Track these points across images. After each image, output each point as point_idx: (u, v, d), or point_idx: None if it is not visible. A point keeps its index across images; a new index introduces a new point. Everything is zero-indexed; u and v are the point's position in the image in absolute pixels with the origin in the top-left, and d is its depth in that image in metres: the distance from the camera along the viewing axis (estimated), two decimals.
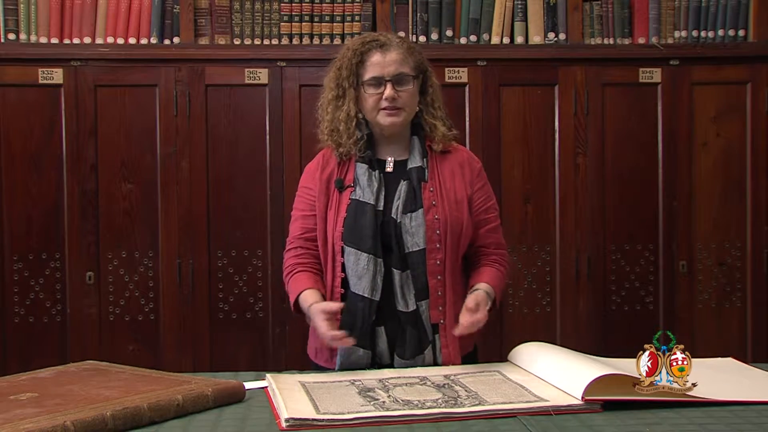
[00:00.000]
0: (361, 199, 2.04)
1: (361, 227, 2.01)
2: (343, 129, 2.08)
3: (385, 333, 2.02)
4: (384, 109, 2.05)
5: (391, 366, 2.01)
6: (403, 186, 2.06)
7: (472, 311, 1.95)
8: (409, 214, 2.02)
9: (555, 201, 3.28)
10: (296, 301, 2.07)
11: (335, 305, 1.97)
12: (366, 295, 1.99)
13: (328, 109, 2.12)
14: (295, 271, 2.10)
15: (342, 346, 1.97)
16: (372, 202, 2.03)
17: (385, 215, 2.04)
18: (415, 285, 2.01)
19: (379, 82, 2.05)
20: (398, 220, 2.02)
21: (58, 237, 3.15)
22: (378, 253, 2.00)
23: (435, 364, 2.02)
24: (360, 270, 2.00)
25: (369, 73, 2.05)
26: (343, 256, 2.03)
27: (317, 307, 1.97)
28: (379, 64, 2.05)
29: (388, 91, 2.03)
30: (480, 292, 2.01)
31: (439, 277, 2.03)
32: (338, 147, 2.09)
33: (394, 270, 2.01)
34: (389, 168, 2.11)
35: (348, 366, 2.00)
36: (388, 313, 2.02)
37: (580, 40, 3.30)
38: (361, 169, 2.07)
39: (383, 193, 2.06)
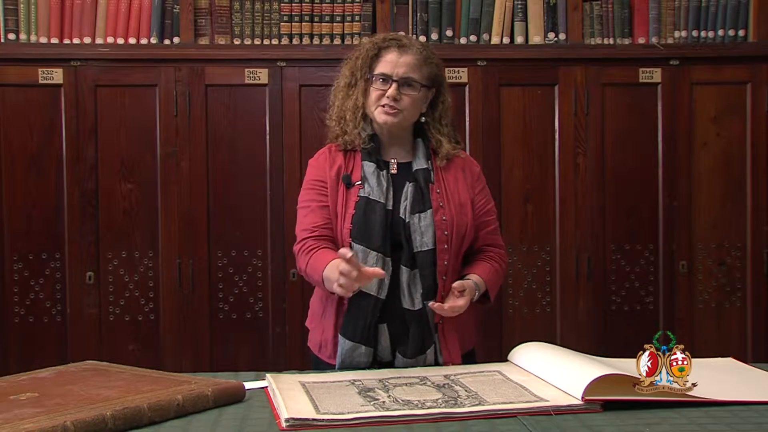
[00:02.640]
0: (370, 196, 2.04)
1: (371, 225, 2.01)
2: (350, 118, 2.11)
3: (388, 331, 2.03)
4: (383, 106, 2.07)
5: (391, 364, 2.02)
6: (409, 187, 2.07)
7: (455, 297, 1.98)
8: (417, 215, 2.03)
9: (555, 201, 3.28)
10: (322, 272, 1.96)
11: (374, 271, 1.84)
12: (372, 294, 2.00)
13: (339, 95, 2.16)
14: (319, 247, 2.02)
15: (346, 293, 1.86)
16: (382, 201, 2.04)
17: (393, 215, 2.04)
18: (423, 284, 2.01)
19: (386, 79, 2.07)
20: (407, 220, 2.03)
21: (58, 237, 3.15)
22: (387, 252, 2.01)
23: (436, 363, 2.03)
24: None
25: (380, 69, 2.09)
26: None
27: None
28: (392, 62, 2.08)
29: (392, 90, 2.06)
30: (469, 282, 2.02)
31: (444, 278, 2.05)
32: (343, 135, 2.12)
33: (403, 267, 2.01)
34: (393, 170, 2.12)
35: (349, 363, 2.01)
36: (392, 311, 2.02)
37: (580, 40, 3.29)
38: (369, 167, 2.08)
39: (392, 193, 2.06)
